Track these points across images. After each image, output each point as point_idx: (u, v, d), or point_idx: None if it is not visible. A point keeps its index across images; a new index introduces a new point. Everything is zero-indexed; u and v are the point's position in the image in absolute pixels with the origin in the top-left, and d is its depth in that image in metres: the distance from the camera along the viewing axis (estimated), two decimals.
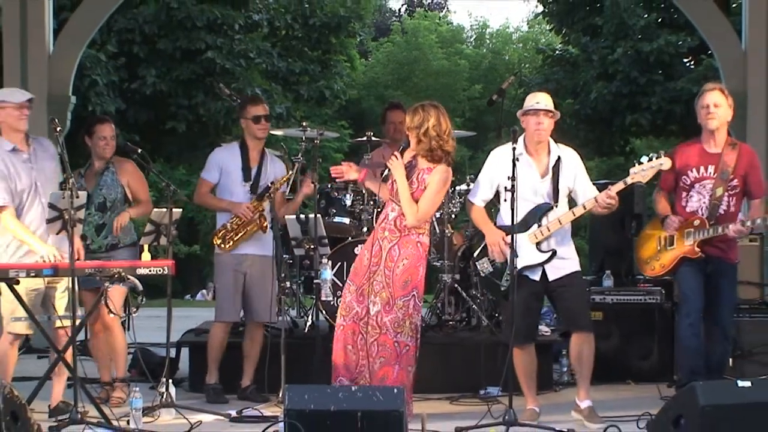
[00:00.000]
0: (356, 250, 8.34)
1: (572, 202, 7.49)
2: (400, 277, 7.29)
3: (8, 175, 7.38)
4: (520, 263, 7.22)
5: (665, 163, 7.29)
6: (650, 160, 7.28)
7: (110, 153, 8.28)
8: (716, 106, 7.58)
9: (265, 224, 8.16)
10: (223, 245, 8.26)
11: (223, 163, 8.38)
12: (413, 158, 7.44)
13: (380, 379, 7.20)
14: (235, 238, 8.24)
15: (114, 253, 8.15)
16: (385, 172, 7.49)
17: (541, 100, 7.43)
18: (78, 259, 7.14)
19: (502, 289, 7.40)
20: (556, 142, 7.52)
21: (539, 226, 7.34)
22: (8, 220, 7.36)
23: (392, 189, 7.44)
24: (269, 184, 8.19)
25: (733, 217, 7.60)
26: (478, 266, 7.64)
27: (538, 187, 7.38)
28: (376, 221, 7.79)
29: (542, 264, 7.35)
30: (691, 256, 7.59)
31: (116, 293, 7.69)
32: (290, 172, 8.32)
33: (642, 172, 7.27)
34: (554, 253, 7.33)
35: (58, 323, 7.35)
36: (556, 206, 7.37)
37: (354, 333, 7.33)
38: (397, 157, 7.36)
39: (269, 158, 8.43)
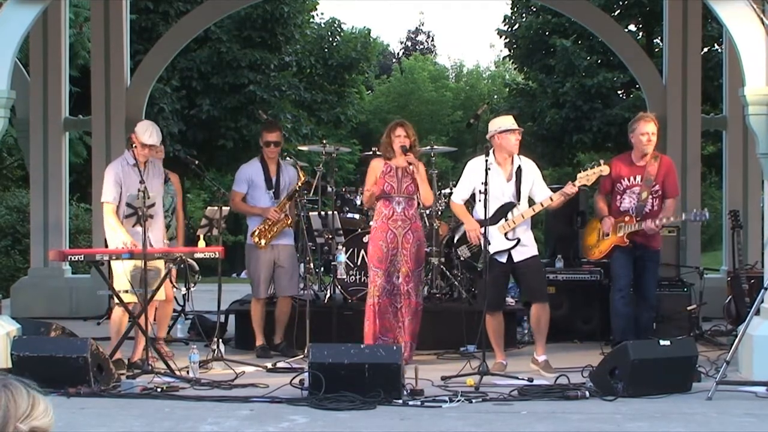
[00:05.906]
0: (365, 239, 8.29)
1: (532, 203, 7.45)
2: (415, 255, 7.59)
3: (122, 182, 7.30)
4: (491, 249, 7.19)
5: (605, 169, 7.28)
6: (592, 167, 7.27)
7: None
8: (653, 134, 7.58)
9: (290, 221, 8.11)
10: (260, 243, 8.14)
11: (249, 177, 8.26)
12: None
13: (411, 331, 7.54)
14: (269, 236, 8.12)
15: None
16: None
17: (514, 122, 7.38)
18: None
19: (478, 269, 7.38)
20: (518, 155, 7.47)
21: (506, 220, 7.30)
22: (108, 213, 7.30)
23: (394, 187, 7.54)
24: (297, 187, 8.15)
25: (656, 214, 7.60)
26: (459, 252, 7.61)
27: (504, 189, 7.32)
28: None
29: (509, 250, 7.31)
30: (621, 244, 7.62)
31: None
32: (303, 178, 8.21)
33: (586, 176, 7.26)
34: (518, 241, 7.30)
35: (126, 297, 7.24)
36: (519, 204, 7.34)
37: (390, 305, 7.54)
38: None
39: (284, 168, 8.33)
